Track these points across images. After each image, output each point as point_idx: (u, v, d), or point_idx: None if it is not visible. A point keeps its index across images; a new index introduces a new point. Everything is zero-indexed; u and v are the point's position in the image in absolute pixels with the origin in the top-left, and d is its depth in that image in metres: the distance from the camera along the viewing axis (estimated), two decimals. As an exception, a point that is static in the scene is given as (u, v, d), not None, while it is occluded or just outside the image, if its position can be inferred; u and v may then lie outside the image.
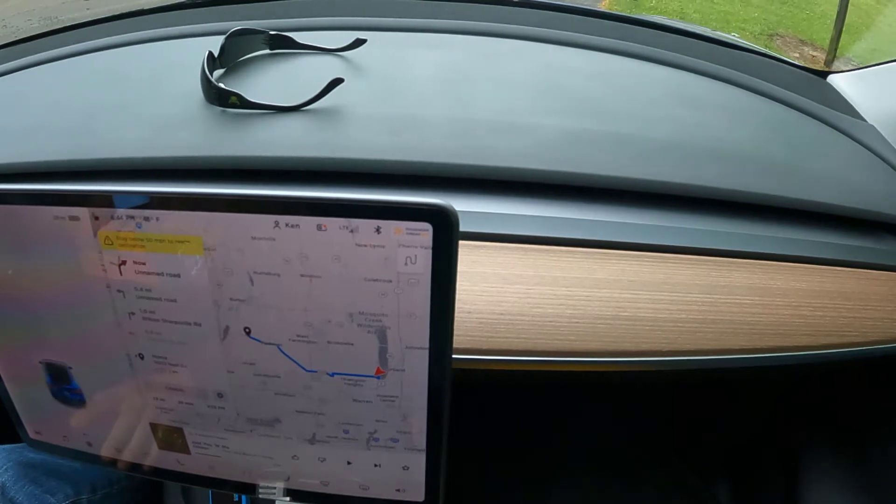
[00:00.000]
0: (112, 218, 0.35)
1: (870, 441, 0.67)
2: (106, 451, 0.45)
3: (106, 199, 0.35)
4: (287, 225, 0.34)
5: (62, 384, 0.42)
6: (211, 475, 0.44)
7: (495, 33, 0.74)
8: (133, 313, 0.38)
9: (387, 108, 0.59)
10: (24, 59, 0.71)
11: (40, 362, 0.41)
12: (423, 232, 0.33)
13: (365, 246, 0.33)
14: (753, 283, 0.50)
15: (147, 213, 0.35)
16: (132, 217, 0.35)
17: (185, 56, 0.66)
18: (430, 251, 0.33)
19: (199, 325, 0.37)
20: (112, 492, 0.59)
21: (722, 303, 0.49)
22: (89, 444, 0.45)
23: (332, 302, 0.35)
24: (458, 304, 0.35)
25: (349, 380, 0.38)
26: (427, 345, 0.36)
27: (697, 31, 0.84)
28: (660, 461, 0.94)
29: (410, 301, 0.35)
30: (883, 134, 0.66)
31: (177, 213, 0.34)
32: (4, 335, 0.41)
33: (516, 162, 0.53)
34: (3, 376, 0.43)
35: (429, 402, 0.38)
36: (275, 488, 0.44)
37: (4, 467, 0.52)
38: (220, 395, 0.40)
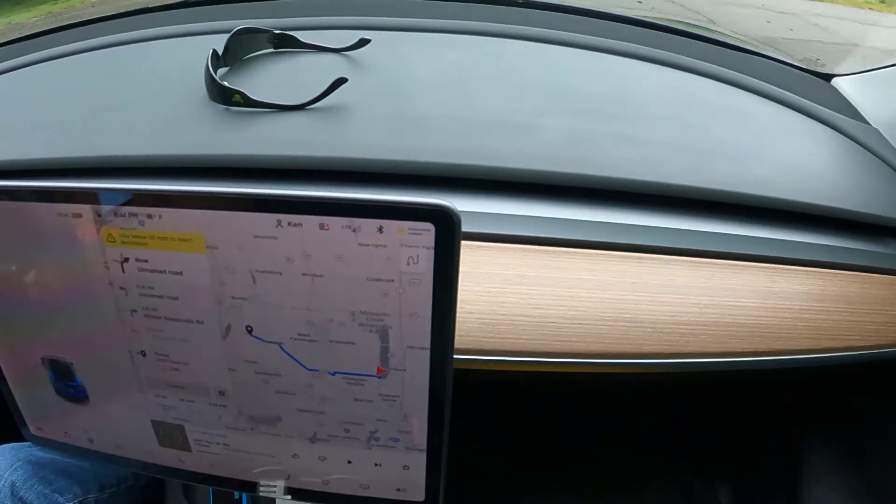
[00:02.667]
0: (115, 215, 0.35)
1: (871, 443, 0.67)
2: (107, 448, 0.45)
3: (109, 197, 0.35)
4: (289, 224, 0.34)
5: (66, 381, 0.42)
6: (212, 473, 0.45)
7: (498, 34, 0.74)
8: (135, 310, 0.38)
9: (390, 108, 0.59)
10: (28, 56, 0.71)
11: (42, 358, 0.42)
12: (426, 232, 0.33)
13: (367, 245, 0.33)
14: (755, 286, 0.50)
15: (150, 210, 0.35)
16: (135, 214, 0.35)
17: (189, 54, 0.66)
18: (432, 251, 0.33)
19: (201, 322, 0.38)
20: (119, 491, 0.59)
21: (724, 305, 0.49)
22: (90, 440, 0.45)
23: (333, 301, 0.35)
24: (459, 304, 0.35)
25: (350, 379, 0.38)
26: (428, 344, 0.36)
27: (700, 33, 0.84)
28: (661, 462, 0.94)
29: (412, 301, 0.35)
30: (887, 137, 0.65)
31: (179, 210, 0.34)
32: (7, 331, 0.41)
33: (519, 162, 0.53)
34: (5, 372, 0.43)
35: (430, 401, 0.38)
36: (275, 486, 0.44)
37: (14, 466, 0.52)
38: (221, 393, 0.40)
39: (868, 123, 0.68)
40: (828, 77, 0.78)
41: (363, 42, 0.68)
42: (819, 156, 0.62)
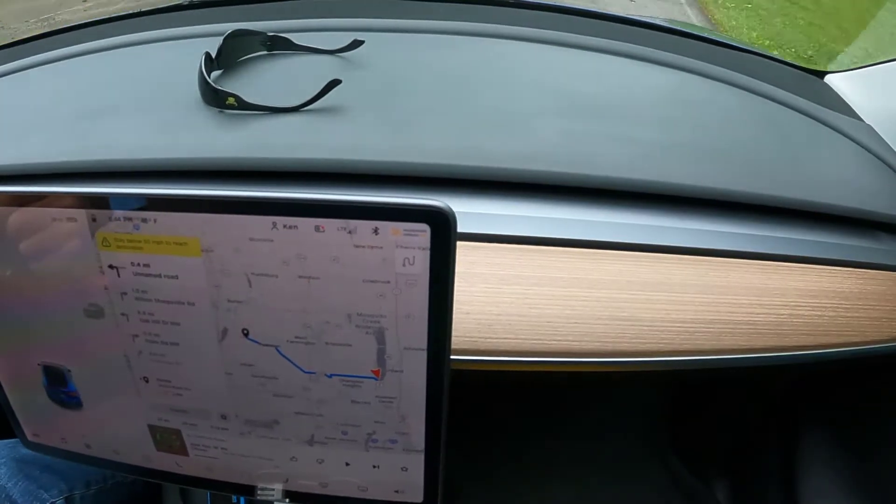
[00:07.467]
0: (110, 219, 0.35)
1: (868, 440, 0.67)
2: (104, 454, 0.45)
3: (103, 201, 0.35)
4: (285, 226, 0.34)
5: (59, 387, 0.42)
6: (209, 477, 0.44)
7: (493, 34, 0.74)
8: (131, 315, 0.38)
9: (384, 109, 0.59)
10: (22, 60, 0.71)
11: (39, 365, 0.41)
12: (421, 233, 0.33)
13: (363, 247, 0.33)
14: (751, 283, 0.50)
15: (145, 214, 0.35)
16: (130, 219, 0.35)
17: (182, 57, 0.66)
18: (427, 252, 0.33)
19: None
20: (106, 487, 0.59)
21: (720, 303, 0.49)
22: (87, 446, 0.45)
23: (330, 303, 0.35)
24: (455, 305, 0.35)
25: (347, 381, 0.38)
26: (425, 346, 0.36)
27: (695, 32, 0.84)
28: (658, 460, 0.94)
29: (408, 302, 0.35)
30: (880, 133, 0.66)
31: (174, 214, 0.34)
32: (2, 337, 0.41)
33: (514, 163, 0.53)
34: (1, 378, 0.43)
35: (427, 402, 0.38)
36: (273, 490, 0.44)
37: None
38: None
39: (861, 120, 0.68)
40: (821, 74, 0.78)
41: (357, 43, 0.68)
42: (813, 153, 0.62)
